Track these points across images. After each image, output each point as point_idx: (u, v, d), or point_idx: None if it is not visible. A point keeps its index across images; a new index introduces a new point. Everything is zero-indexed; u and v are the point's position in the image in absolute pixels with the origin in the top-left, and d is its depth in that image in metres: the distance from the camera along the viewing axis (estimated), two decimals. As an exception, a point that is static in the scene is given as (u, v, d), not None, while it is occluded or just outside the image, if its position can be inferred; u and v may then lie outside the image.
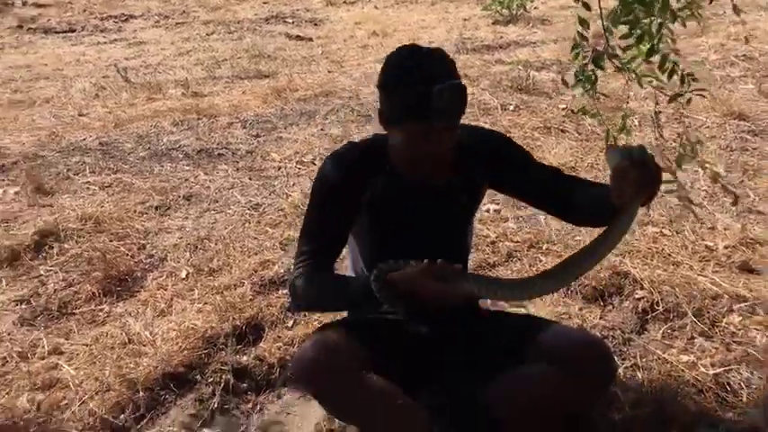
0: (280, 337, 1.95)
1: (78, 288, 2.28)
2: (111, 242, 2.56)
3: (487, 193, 1.58)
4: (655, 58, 1.57)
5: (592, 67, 1.60)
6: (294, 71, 5.09)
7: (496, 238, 2.47)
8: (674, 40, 1.56)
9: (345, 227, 1.44)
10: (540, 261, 2.32)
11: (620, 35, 1.58)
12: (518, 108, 3.89)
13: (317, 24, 7.30)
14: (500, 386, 1.38)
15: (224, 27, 7.22)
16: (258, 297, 2.15)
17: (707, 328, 1.90)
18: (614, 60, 1.58)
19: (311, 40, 6.41)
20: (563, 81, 1.85)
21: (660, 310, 1.99)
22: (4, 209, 2.91)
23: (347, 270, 1.63)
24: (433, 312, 1.29)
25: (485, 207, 2.66)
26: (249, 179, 3.17)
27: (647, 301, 2.02)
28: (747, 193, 2.77)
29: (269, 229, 2.64)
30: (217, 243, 2.55)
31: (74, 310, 2.18)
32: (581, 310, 2.03)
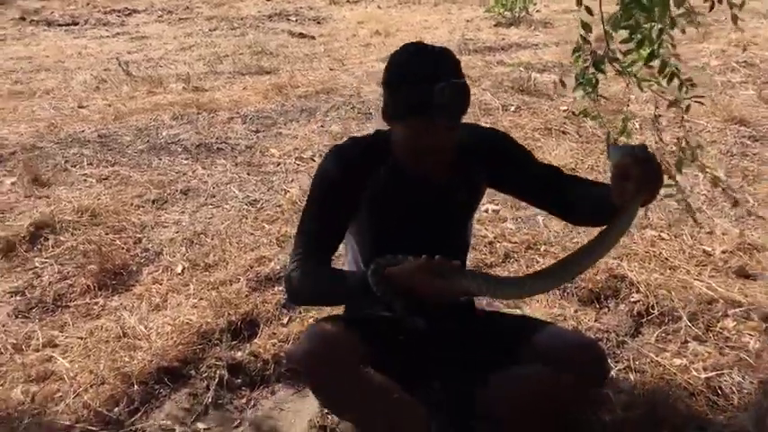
0: (275, 334, 1.94)
1: (73, 281, 2.28)
2: (107, 235, 2.56)
3: (486, 193, 1.58)
4: (655, 63, 1.56)
5: (593, 70, 1.60)
6: (296, 68, 5.09)
7: (494, 238, 2.47)
8: (674, 45, 1.56)
9: (344, 222, 1.44)
10: (538, 262, 2.32)
11: (620, 39, 1.58)
12: (519, 109, 3.89)
13: (319, 22, 7.30)
14: (495, 386, 1.38)
15: (227, 23, 7.22)
16: (254, 293, 2.14)
17: (701, 333, 1.90)
18: (615, 64, 1.58)
19: (314, 37, 6.40)
20: (560, 82, 1.85)
21: (655, 313, 1.99)
22: (0, 199, 2.90)
23: (345, 268, 1.63)
24: (430, 308, 1.28)
25: (483, 207, 2.66)
26: (247, 174, 3.17)
27: (642, 305, 2.02)
28: (747, 198, 2.78)
29: (266, 226, 2.64)
30: (213, 238, 2.55)
31: (69, 303, 2.18)
32: (576, 312, 2.03)
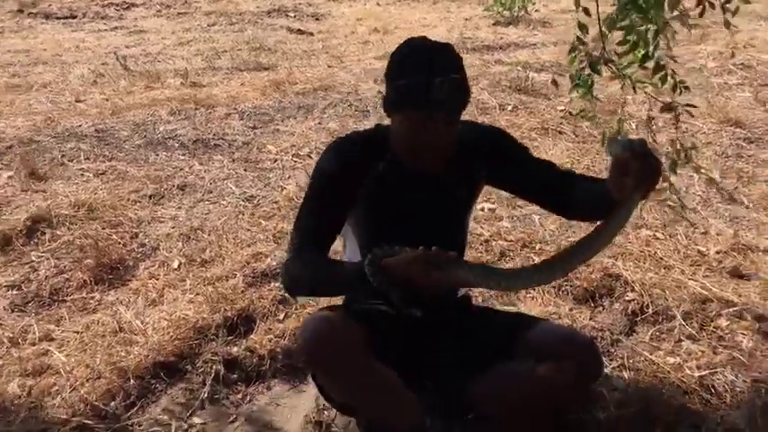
0: (271, 330, 1.95)
1: (70, 275, 2.28)
2: (104, 230, 2.56)
3: (483, 191, 1.59)
4: (649, 64, 1.57)
5: (588, 71, 1.60)
6: (294, 65, 5.09)
7: (490, 236, 2.48)
8: (669, 47, 1.57)
9: (342, 216, 1.45)
10: (533, 261, 2.33)
11: (616, 41, 1.59)
12: (516, 108, 3.90)
13: (318, 19, 7.29)
14: (489, 383, 1.40)
15: (225, 18, 7.21)
16: (250, 289, 2.15)
17: (695, 332, 1.91)
18: (610, 65, 1.58)
19: (312, 34, 6.40)
20: (553, 83, 1.86)
21: (649, 312, 2.00)
22: (-3, 193, 2.90)
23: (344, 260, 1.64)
24: (427, 300, 1.29)
25: (480, 206, 2.66)
26: (244, 171, 3.17)
27: (636, 304, 2.04)
28: (741, 199, 2.79)
29: (262, 222, 2.64)
30: (210, 234, 2.55)
31: (65, 298, 2.18)
32: (571, 310, 2.04)
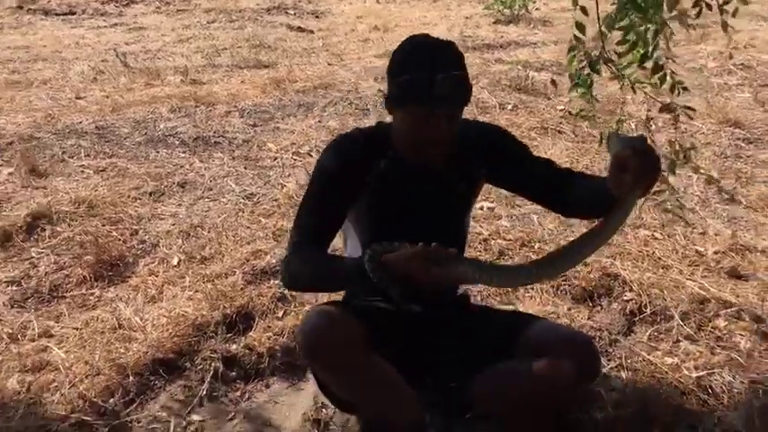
0: (270, 327, 1.96)
1: (69, 271, 2.28)
2: (104, 227, 2.57)
3: (482, 190, 1.60)
4: (648, 64, 1.57)
5: (588, 71, 1.61)
6: (294, 62, 5.09)
7: (489, 235, 2.48)
8: (668, 47, 1.57)
9: (342, 213, 1.46)
10: (532, 259, 2.33)
11: (615, 41, 1.59)
12: (516, 107, 3.90)
13: (318, 16, 7.28)
14: (488, 381, 1.40)
15: (225, 16, 7.20)
16: (249, 286, 2.15)
17: (692, 332, 1.92)
18: (609, 65, 1.58)
19: (312, 32, 6.40)
20: (552, 82, 1.86)
21: (648, 312, 2.01)
22: (-3, 190, 2.91)
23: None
24: (426, 296, 1.30)
25: (479, 204, 2.67)
26: (244, 168, 3.17)
27: (635, 303, 2.04)
28: (740, 200, 2.80)
29: (262, 219, 2.65)
30: (209, 231, 2.56)
31: (64, 294, 2.19)
32: (570, 309, 2.05)
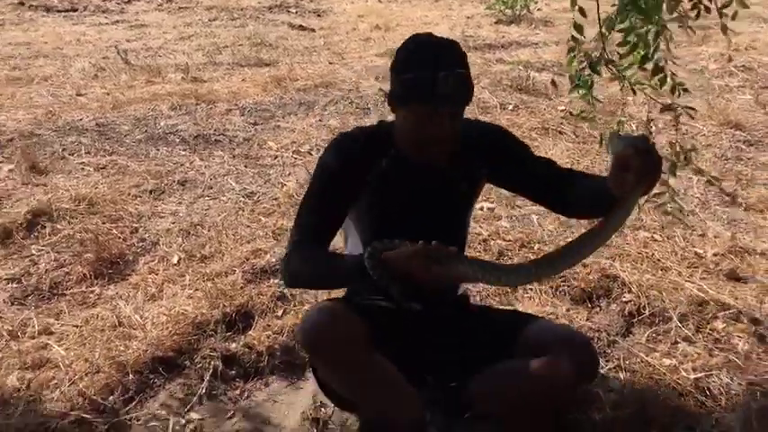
0: (269, 326, 1.96)
1: (70, 269, 2.29)
2: (104, 224, 2.57)
3: (483, 190, 1.60)
4: (648, 66, 1.58)
5: (588, 72, 1.61)
6: (295, 61, 5.09)
7: (489, 236, 2.48)
8: (669, 48, 1.57)
9: (343, 211, 1.47)
10: (532, 259, 2.34)
11: (616, 42, 1.60)
12: (517, 108, 3.90)
13: (320, 15, 7.28)
14: (487, 381, 1.41)
15: (227, 14, 7.20)
16: (249, 285, 2.16)
17: (691, 334, 1.92)
18: (610, 66, 1.59)
19: (314, 30, 6.40)
20: (552, 83, 1.86)
21: (646, 314, 2.01)
22: (-2, 186, 2.91)
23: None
24: (426, 294, 1.30)
25: (479, 205, 2.67)
26: (245, 167, 3.18)
27: (633, 305, 2.04)
28: (740, 202, 2.80)
29: (262, 218, 2.65)
30: (210, 230, 2.56)
31: (65, 291, 2.19)
32: (568, 310, 2.05)
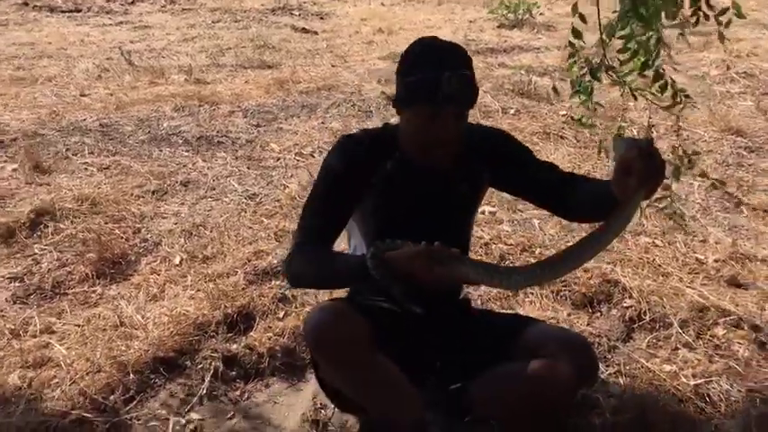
0: (270, 328, 1.96)
1: (72, 268, 2.29)
2: (107, 224, 2.58)
3: (485, 194, 1.61)
4: (649, 73, 1.58)
5: (588, 78, 1.61)
6: (298, 63, 5.11)
7: (490, 239, 2.49)
8: (670, 55, 1.58)
9: (347, 213, 1.48)
10: (533, 262, 2.34)
11: (616, 48, 1.60)
12: (518, 112, 3.91)
13: (323, 18, 7.30)
14: (487, 384, 1.41)
15: (230, 15, 7.22)
16: (251, 286, 2.16)
17: (691, 340, 1.92)
18: (610, 73, 1.59)
19: (316, 33, 6.41)
20: (554, 89, 1.87)
21: (647, 319, 2.01)
22: (1, 185, 2.91)
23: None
24: (428, 295, 1.31)
25: (480, 208, 2.66)
26: (247, 168, 3.19)
27: (634, 310, 2.05)
28: (741, 208, 2.81)
29: (264, 220, 2.66)
30: (212, 231, 2.57)
31: (67, 291, 2.19)
32: (569, 315, 2.05)
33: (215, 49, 5.62)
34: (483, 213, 2.68)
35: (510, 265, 2.35)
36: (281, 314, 2.04)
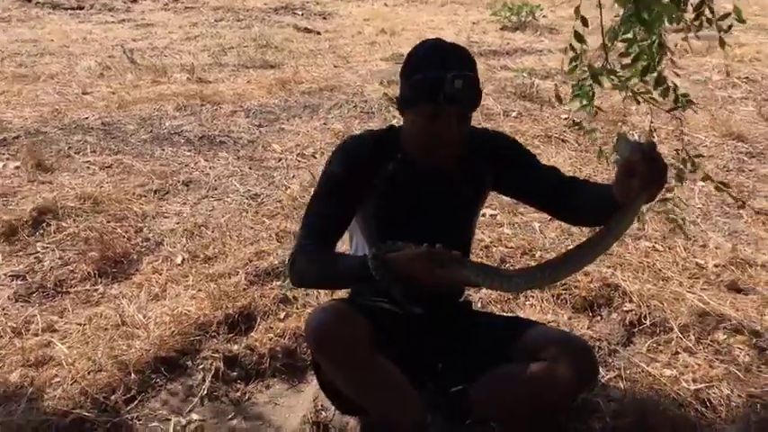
0: (271, 328, 1.97)
1: (74, 267, 2.30)
2: (109, 223, 2.58)
3: (487, 198, 1.61)
4: (650, 77, 1.59)
5: (590, 82, 1.62)
6: (300, 63, 5.11)
7: (491, 242, 2.49)
8: (672, 60, 1.58)
9: (350, 213, 1.48)
10: (534, 265, 2.34)
11: (618, 52, 1.61)
12: (520, 115, 3.92)
13: (325, 18, 7.31)
14: (487, 386, 1.42)
15: (233, 14, 7.23)
16: (252, 287, 2.17)
17: (691, 345, 1.93)
18: (612, 77, 1.60)
19: (319, 33, 6.42)
20: (557, 97, 1.87)
21: (647, 323, 2.02)
22: (3, 183, 2.92)
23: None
24: (428, 297, 1.31)
25: (481, 211, 2.68)
26: (249, 169, 3.19)
27: (634, 315, 2.05)
28: (741, 213, 2.81)
29: (266, 220, 2.66)
30: (213, 231, 2.57)
31: (69, 289, 2.20)
32: (570, 319, 2.06)
33: (217, 48, 5.63)
34: (484, 216, 2.69)
35: (510, 267, 2.35)
36: (282, 315, 2.04)
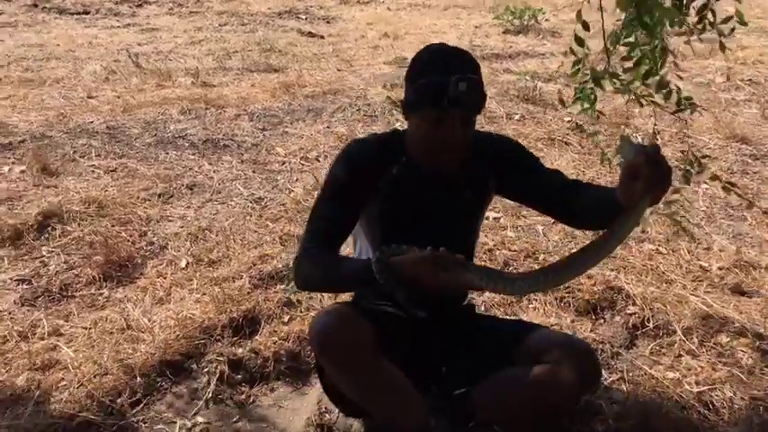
0: (275, 332, 1.97)
1: (79, 271, 2.31)
2: (114, 227, 2.59)
3: (491, 201, 1.62)
4: (652, 81, 1.59)
5: (591, 85, 1.62)
6: (304, 67, 5.13)
7: (494, 245, 2.50)
8: (675, 63, 1.59)
9: (354, 216, 1.49)
10: (537, 268, 2.35)
11: (620, 56, 1.61)
12: (523, 118, 3.92)
13: (329, 22, 7.33)
14: (490, 389, 1.42)
15: (237, 19, 7.26)
16: (256, 291, 2.17)
17: (695, 347, 1.93)
18: (614, 80, 1.60)
19: (323, 37, 6.44)
20: (560, 101, 1.88)
21: (650, 326, 2.02)
22: (9, 187, 2.94)
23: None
24: (432, 301, 1.32)
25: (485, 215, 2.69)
26: (253, 172, 3.20)
27: (638, 317, 2.05)
28: (745, 216, 2.81)
29: (270, 224, 2.67)
30: (217, 234, 2.58)
31: (74, 293, 2.21)
32: (573, 322, 2.06)
33: (222, 52, 5.65)
34: (487, 219, 2.69)
35: (514, 271, 2.36)
36: (286, 318, 2.05)
